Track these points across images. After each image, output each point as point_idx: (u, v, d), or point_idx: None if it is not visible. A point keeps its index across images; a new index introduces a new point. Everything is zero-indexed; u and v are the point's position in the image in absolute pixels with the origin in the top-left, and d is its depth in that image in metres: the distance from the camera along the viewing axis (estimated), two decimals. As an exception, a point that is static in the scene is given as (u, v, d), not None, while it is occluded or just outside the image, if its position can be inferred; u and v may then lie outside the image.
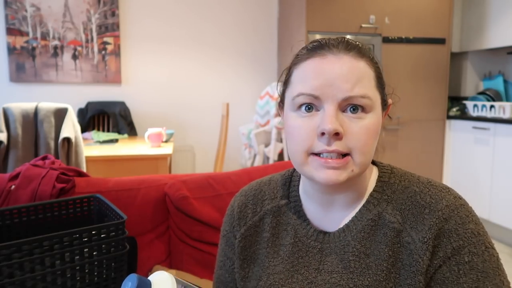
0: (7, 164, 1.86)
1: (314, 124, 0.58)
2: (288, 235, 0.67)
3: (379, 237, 0.60)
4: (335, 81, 0.57)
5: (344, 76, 0.57)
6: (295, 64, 0.62)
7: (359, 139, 0.57)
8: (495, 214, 2.98)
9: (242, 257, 0.70)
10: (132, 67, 3.48)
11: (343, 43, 0.60)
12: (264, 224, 0.70)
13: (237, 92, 3.76)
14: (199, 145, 3.72)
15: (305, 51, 0.62)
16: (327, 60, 0.58)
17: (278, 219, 0.69)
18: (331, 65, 0.58)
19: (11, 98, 3.23)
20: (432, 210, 0.58)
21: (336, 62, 0.58)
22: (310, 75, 0.58)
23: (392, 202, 0.62)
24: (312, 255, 0.65)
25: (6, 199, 1.07)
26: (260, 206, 0.72)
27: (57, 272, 0.76)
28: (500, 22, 3.24)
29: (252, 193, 0.74)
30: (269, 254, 0.68)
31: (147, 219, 1.18)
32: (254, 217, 0.71)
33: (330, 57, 0.58)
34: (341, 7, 3.14)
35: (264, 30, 3.76)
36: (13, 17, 3.16)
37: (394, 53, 3.29)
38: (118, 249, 0.83)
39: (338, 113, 0.57)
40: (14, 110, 1.87)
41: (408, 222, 0.59)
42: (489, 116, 3.19)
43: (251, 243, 0.70)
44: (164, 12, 3.51)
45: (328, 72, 0.57)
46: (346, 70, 0.57)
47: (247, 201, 0.73)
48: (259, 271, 0.68)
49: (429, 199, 0.60)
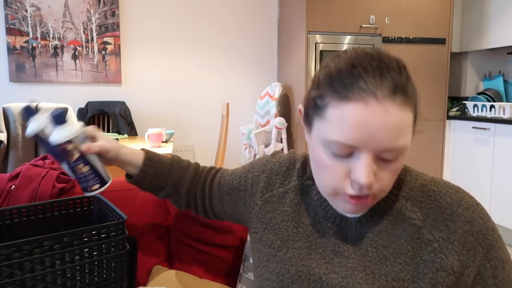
0: (7, 164, 1.86)
1: (347, 168, 0.56)
2: (308, 215, 0.70)
3: (398, 231, 0.62)
4: (378, 135, 0.53)
5: (388, 130, 0.53)
6: (332, 97, 0.55)
7: (387, 182, 0.58)
8: (495, 214, 2.98)
9: (260, 220, 0.75)
10: (132, 67, 3.48)
11: (388, 83, 0.53)
12: (287, 198, 0.73)
13: (237, 92, 3.76)
14: (199, 145, 3.72)
15: (344, 82, 0.54)
16: (371, 110, 0.52)
17: (301, 198, 0.72)
18: (375, 117, 0.52)
19: (11, 98, 3.23)
20: (453, 211, 0.61)
21: (381, 113, 0.52)
22: (350, 125, 0.53)
23: (410, 199, 0.64)
24: (328, 237, 0.67)
25: (6, 199, 1.06)
26: (288, 180, 0.75)
27: (57, 272, 0.75)
28: (500, 22, 3.24)
29: (287, 165, 0.77)
30: (289, 228, 0.70)
31: (147, 219, 1.17)
32: (280, 188, 0.75)
33: (373, 105, 0.52)
34: (341, 7, 3.14)
35: (264, 30, 3.76)
36: (13, 17, 3.16)
37: (394, 53, 3.22)
38: (118, 249, 0.82)
39: (373, 162, 0.55)
40: (14, 110, 1.87)
41: (429, 220, 0.61)
42: (489, 116, 3.19)
43: (270, 209, 0.74)
44: (164, 12, 3.51)
45: (371, 125, 0.52)
46: (391, 124, 0.53)
47: (279, 171, 0.77)
48: (277, 241, 0.70)
49: (449, 199, 0.62)
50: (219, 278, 1.14)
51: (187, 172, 0.89)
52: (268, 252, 0.71)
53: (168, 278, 1.08)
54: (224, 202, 0.85)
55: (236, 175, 0.84)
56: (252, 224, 0.77)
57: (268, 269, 0.70)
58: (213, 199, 0.87)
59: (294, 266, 0.66)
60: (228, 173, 0.87)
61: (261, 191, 0.77)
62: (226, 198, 0.84)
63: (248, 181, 0.80)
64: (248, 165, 0.84)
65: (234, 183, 0.83)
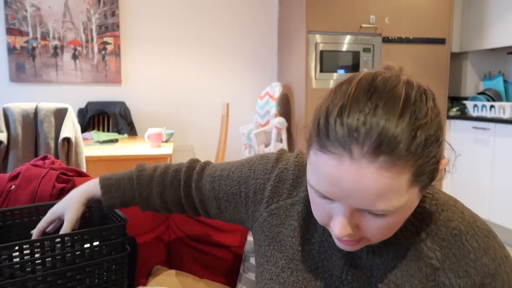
0: (7, 164, 1.86)
1: (329, 211, 0.52)
2: (316, 231, 0.64)
3: (413, 270, 0.56)
4: (352, 195, 0.46)
5: (362, 193, 0.45)
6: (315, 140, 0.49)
7: (377, 235, 0.51)
8: (495, 214, 2.98)
9: (266, 233, 0.68)
10: (132, 67, 3.48)
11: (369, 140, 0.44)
12: (294, 211, 0.67)
13: (237, 92, 3.76)
14: (199, 145, 3.72)
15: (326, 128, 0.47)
16: (343, 167, 0.45)
17: (310, 210, 0.66)
18: (346, 176, 0.45)
19: (11, 98, 3.23)
20: (478, 258, 0.54)
21: (353, 173, 0.45)
22: (324, 178, 0.48)
23: (432, 234, 0.56)
24: (336, 260, 0.61)
25: (6, 199, 1.07)
26: (297, 191, 0.68)
27: (58, 273, 0.76)
28: (500, 22, 3.25)
29: (296, 173, 0.69)
30: (294, 245, 0.65)
31: (147, 219, 1.17)
32: (288, 199, 0.68)
33: (346, 163, 0.45)
34: (341, 7, 3.14)
35: (264, 30, 3.76)
36: (13, 17, 3.16)
37: (394, 53, 3.29)
38: (119, 252, 0.83)
39: (354, 213, 0.49)
40: (14, 110, 1.87)
41: (448, 262, 0.55)
42: (489, 116, 3.19)
43: (276, 223, 0.68)
44: (164, 12, 3.50)
45: (342, 184, 0.46)
46: (365, 186, 0.45)
47: (287, 179, 0.69)
48: (282, 259, 0.65)
49: (475, 244, 0.55)
50: (219, 278, 1.14)
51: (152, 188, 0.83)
52: (271, 270, 0.66)
53: (168, 278, 1.08)
54: (222, 208, 0.77)
55: (233, 180, 0.75)
56: (256, 235, 0.72)
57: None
58: (208, 207, 0.79)
59: None
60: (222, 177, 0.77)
61: (267, 202, 0.69)
62: (224, 205, 0.76)
63: (250, 188, 0.72)
64: (247, 167, 0.75)
65: (232, 189, 0.74)
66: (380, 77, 0.49)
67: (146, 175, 0.84)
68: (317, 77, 3.15)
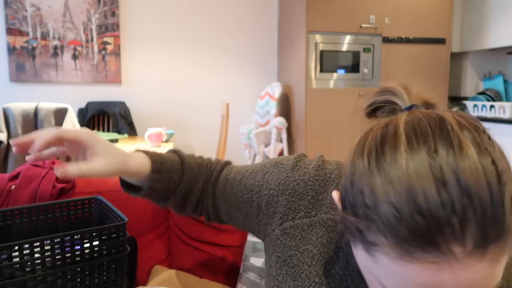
0: (7, 164, 1.86)
1: None
2: (339, 262, 0.56)
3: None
4: None
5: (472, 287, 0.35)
6: (389, 246, 0.37)
7: None
8: (495, 214, 2.98)
9: (275, 250, 0.61)
10: (132, 67, 3.48)
11: (472, 233, 0.33)
12: (313, 234, 0.58)
13: (237, 92, 3.76)
14: (199, 145, 3.72)
15: (408, 238, 0.35)
16: (444, 277, 0.35)
17: (331, 236, 0.57)
18: (453, 278, 0.35)
19: (11, 98, 3.23)
20: None
21: (462, 275, 0.34)
22: (413, 284, 0.36)
23: None
24: None
25: (6, 199, 1.07)
26: (316, 210, 0.59)
27: (58, 273, 0.76)
28: (500, 22, 3.25)
29: (316, 188, 0.60)
30: (311, 275, 0.56)
31: (147, 219, 1.18)
32: (305, 219, 0.59)
33: (447, 271, 0.34)
34: (341, 7, 3.14)
35: (264, 30, 3.76)
36: (13, 17, 3.16)
37: (394, 53, 3.29)
38: (119, 251, 0.83)
39: None
40: (14, 110, 1.87)
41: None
42: (489, 116, 3.19)
43: (290, 244, 0.59)
44: (164, 12, 3.51)
45: (446, 285, 0.35)
46: (477, 283, 0.35)
47: (306, 194, 0.60)
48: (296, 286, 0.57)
49: None
50: (219, 278, 1.14)
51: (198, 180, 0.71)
52: None
53: (168, 278, 1.08)
54: (232, 215, 0.70)
55: (246, 187, 0.67)
56: (267, 252, 0.64)
57: None
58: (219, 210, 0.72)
59: None
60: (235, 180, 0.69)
61: (280, 218, 0.61)
62: (234, 211, 0.69)
63: (263, 198, 0.64)
64: (260, 174, 0.66)
65: (244, 196, 0.66)
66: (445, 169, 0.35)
67: (193, 163, 0.72)
68: (317, 77, 3.15)
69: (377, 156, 0.39)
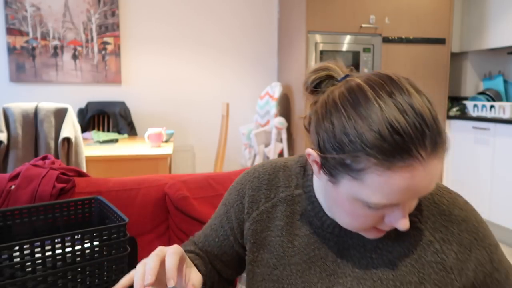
0: (7, 164, 1.86)
1: (382, 214, 0.55)
2: (303, 226, 0.66)
3: (401, 234, 0.61)
4: (421, 191, 0.52)
5: (429, 185, 0.51)
6: (373, 163, 0.49)
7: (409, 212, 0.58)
8: (495, 214, 2.98)
9: (252, 241, 0.69)
10: (132, 67, 3.48)
11: (428, 141, 0.49)
12: (277, 212, 0.68)
13: (237, 92, 3.76)
14: (199, 145, 3.72)
15: (385, 149, 0.48)
16: (416, 174, 0.49)
17: (292, 208, 0.68)
18: (421, 180, 0.50)
19: (11, 98, 3.23)
20: (451, 212, 0.62)
21: (425, 175, 0.50)
22: (396, 191, 0.50)
23: None
24: (329, 247, 0.64)
25: (6, 199, 1.07)
26: (274, 193, 0.70)
27: (58, 273, 0.76)
28: (500, 22, 3.25)
29: (267, 177, 0.72)
30: (283, 243, 0.66)
31: (147, 219, 1.18)
32: (267, 203, 0.70)
33: (418, 169, 0.49)
34: (341, 7, 3.14)
35: (264, 30, 3.77)
36: (13, 17, 3.16)
37: (394, 53, 3.29)
38: (119, 251, 0.83)
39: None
40: (14, 110, 1.87)
41: (429, 222, 0.61)
42: (489, 116, 3.19)
43: (262, 228, 0.69)
44: (164, 12, 3.51)
45: (416, 187, 0.50)
46: (432, 178, 0.51)
47: (261, 185, 0.71)
48: (272, 259, 0.67)
49: (445, 201, 0.63)
50: (220, 278, 1.14)
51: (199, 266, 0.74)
52: (262, 271, 0.67)
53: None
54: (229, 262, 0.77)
55: (215, 229, 0.76)
56: (247, 247, 0.72)
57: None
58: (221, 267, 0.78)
59: (294, 285, 0.63)
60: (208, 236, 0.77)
61: (247, 213, 0.71)
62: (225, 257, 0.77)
63: (232, 218, 0.73)
64: (222, 205, 0.76)
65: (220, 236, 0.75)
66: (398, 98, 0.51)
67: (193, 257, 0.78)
68: (317, 77, 3.15)
69: (353, 106, 0.51)
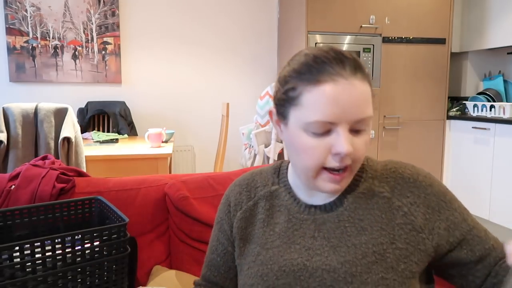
0: (7, 164, 1.85)
1: (328, 144, 0.63)
2: (282, 214, 0.74)
3: (371, 205, 0.69)
4: (349, 108, 0.61)
5: (357, 102, 0.61)
6: (304, 85, 0.63)
7: (361, 153, 0.65)
8: (495, 214, 2.99)
9: (239, 237, 0.76)
10: (132, 67, 3.48)
11: (348, 65, 0.62)
12: (259, 208, 0.76)
13: (237, 92, 3.76)
14: (199, 145, 3.72)
15: (312, 70, 0.63)
16: (340, 87, 0.61)
17: (271, 202, 0.76)
18: (344, 92, 0.61)
19: (11, 98, 3.23)
20: (415, 179, 0.70)
21: (349, 88, 0.61)
22: (325, 104, 0.61)
23: (377, 177, 0.71)
24: (306, 226, 0.71)
25: (6, 199, 1.07)
26: (254, 193, 0.78)
27: (59, 273, 0.76)
28: (500, 22, 3.25)
29: (245, 182, 0.81)
30: (266, 232, 0.73)
31: (147, 219, 1.18)
32: (249, 202, 0.77)
33: (342, 83, 0.61)
34: (341, 7, 3.14)
35: (265, 30, 3.77)
36: (13, 17, 3.16)
37: (394, 53, 3.29)
38: (119, 252, 0.83)
39: (349, 133, 0.63)
40: (14, 110, 1.87)
41: (396, 190, 0.69)
42: (489, 116, 3.19)
43: (247, 224, 0.76)
44: (164, 12, 3.51)
45: (343, 100, 0.60)
46: (358, 96, 0.61)
47: (241, 190, 0.80)
48: (256, 248, 0.73)
49: (409, 171, 0.71)
50: (220, 278, 1.14)
51: None
52: (248, 260, 0.73)
53: (168, 278, 1.08)
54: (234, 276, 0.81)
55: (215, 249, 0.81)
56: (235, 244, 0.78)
57: (250, 275, 0.71)
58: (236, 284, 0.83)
59: (276, 264, 0.69)
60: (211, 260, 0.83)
61: (233, 215, 0.78)
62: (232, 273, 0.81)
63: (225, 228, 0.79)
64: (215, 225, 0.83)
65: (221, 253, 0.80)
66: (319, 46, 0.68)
67: None
68: (317, 77, 3.15)
69: (291, 58, 0.67)
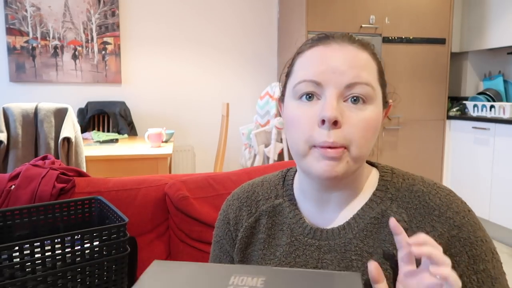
0: (7, 164, 1.86)
1: (315, 112, 0.56)
2: (284, 234, 0.66)
3: (383, 235, 0.59)
4: (339, 67, 0.56)
5: (348, 62, 0.56)
6: (298, 54, 0.62)
7: (357, 131, 0.56)
8: (495, 214, 2.98)
9: (238, 259, 0.69)
10: (132, 67, 3.48)
11: (347, 36, 0.61)
12: (260, 225, 0.68)
13: (237, 92, 3.76)
14: (199, 145, 3.72)
15: (310, 41, 0.62)
16: (331, 48, 0.58)
17: (274, 220, 0.68)
18: (335, 52, 0.58)
19: (11, 98, 3.23)
20: (442, 213, 0.58)
21: (340, 50, 0.58)
22: (313, 62, 0.58)
23: (397, 200, 0.61)
24: (309, 253, 0.63)
25: (6, 199, 1.07)
26: (255, 207, 0.70)
27: (58, 273, 0.76)
28: (500, 22, 3.25)
29: (245, 195, 0.72)
30: (265, 256, 0.66)
31: (147, 219, 1.18)
32: (250, 219, 0.69)
33: (334, 46, 0.59)
34: (341, 7, 3.14)
35: (264, 30, 3.76)
36: (13, 17, 3.16)
37: (394, 53, 3.29)
38: (119, 252, 0.83)
39: (339, 101, 0.56)
40: (14, 110, 1.87)
41: (415, 221, 0.58)
42: (489, 116, 3.19)
43: (247, 245, 0.69)
44: (164, 12, 3.50)
45: (331, 58, 0.57)
46: (350, 57, 0.57)
47: (241, 204, 0.72)
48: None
49: (438, 201, 0.59)
50: (220, 278, 1.14)
51: None
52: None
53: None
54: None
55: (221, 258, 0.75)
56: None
57: None
58: None
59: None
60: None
61: (236, 235, 0.71)
62: None
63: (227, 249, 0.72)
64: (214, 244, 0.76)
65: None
66: None
67: None
68: (317, 77, 3.15)
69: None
